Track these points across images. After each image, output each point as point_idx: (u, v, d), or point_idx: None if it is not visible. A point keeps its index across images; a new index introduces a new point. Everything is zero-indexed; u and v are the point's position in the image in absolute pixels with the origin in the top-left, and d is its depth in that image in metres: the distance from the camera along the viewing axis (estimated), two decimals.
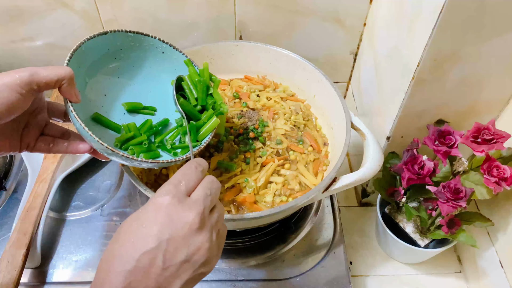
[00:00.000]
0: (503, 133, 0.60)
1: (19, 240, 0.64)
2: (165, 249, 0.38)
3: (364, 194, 0.87)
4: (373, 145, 0.63)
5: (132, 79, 0.60)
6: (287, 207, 0.56)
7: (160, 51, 0.60)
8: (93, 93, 0.56)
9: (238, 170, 0.64)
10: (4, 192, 0.78)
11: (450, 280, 0.78)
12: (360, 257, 0.81)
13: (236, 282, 0.67)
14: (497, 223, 0.67)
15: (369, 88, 0.81)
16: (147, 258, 0.37)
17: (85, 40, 0.52)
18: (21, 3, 0.75)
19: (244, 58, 0.78)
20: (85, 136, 0.48)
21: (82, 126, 0.46)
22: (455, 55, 0.57)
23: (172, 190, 0.41)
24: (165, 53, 0.60)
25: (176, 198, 0.40)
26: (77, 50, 0.51)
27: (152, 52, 0.60)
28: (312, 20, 0.81)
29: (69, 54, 0.50)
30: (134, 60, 0.60)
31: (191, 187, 0.42)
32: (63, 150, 0.52)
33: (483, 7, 0.51)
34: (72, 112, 0.47)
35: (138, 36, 0.58)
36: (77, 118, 0.47)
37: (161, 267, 0.38)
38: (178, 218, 0.39)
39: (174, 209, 0.39)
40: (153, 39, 0.59)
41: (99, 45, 0.54)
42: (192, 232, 0.39)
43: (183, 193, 0.41)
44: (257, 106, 0.73)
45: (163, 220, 0.39)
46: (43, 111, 0.52)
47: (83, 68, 0.54)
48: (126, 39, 0.57)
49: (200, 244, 0.40)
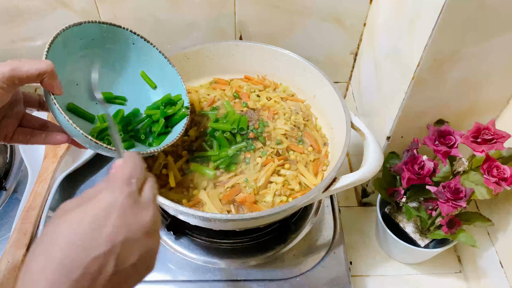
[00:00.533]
0: (503, 133, 0.60)
1: (19, 240, 0.64)
2: (118, 253, 0.34)
3: (364, 194, 0.87)
4: (373, 145, 0.63)
5: (103, 69, 0.61)
6: (287, 207, 0.56)
7: (131, 43, 0.61)
8: (66, 83, 0.56)
9: (238, 170, 0.64)
10: (4, 192, 0.78)
11: (450, 280, 0.78)
12: (360, 257, 0.81)
13: (236, 282, 0.66)
14: (497, 223, 0.67)
15: (369, 88, 0.81)
16: (97, 263, 0.33)
17: (61, 30, 0.52)
18: (21, 3, 0.75)
19: (244, 58, 0.78)
20: (68, 128, 0.48)
21: (66, 118, 0.47)
22: (455, 55, 0.57)
23: (125, 188, 0.37)
24: (135, 44, 0.61)
25: (131, 198, 0.37)
26: (54, 41, 0.51)
27: (124, 44, 0.61)
28: (312, 20, 0.81)
29: (47, 46, 0.49)
30: (106, 51, 0.60)
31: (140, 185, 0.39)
32: (41, 141, 0.53)
33: (483, 7, 0.51)
34: (55, 105, 0.47)
35: (111, 27, 0.58)
36: (61, 111, 0.47)
37: (111, 272, 0.34)
38: (134, 219, 0.36)
39: (129, 209, 0.36)
40: (125, 30, 0.60)
41: (73, 36, 0.55)
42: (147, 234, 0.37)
43: (135, 192, 0.38)
44: (257, 106, 0.73)
45: (117, 221, 0.35)
46: (19, 103, 0.52)
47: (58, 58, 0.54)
48: (99, 30, 0.57)
49: (152, 245, 0.38)
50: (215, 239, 0.71)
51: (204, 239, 0.71)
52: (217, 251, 0.70)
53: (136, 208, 0.37)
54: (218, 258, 0.69)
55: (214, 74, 0.79)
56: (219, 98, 0.74)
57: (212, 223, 0.59)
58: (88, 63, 0.59)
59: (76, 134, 0.49)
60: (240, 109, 0.72)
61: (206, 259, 0.69)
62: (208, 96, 0.74)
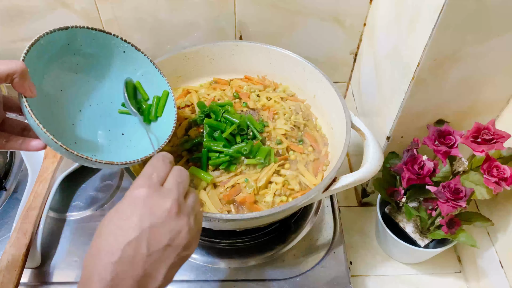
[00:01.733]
0: (503, 133, 0.60)
1: (19, 240, 0.64)
2: (147, 237, 0.40)
3: (364, 194, 0.87)
4: (373, 145, 0.63)
5: (90, 76, 0.60)
6: (287, 207, 0.56)
7: (121, 50, 0.59)
8: (50, 88, 0.55)
9: (238, 170, 0.64)
10: (4, 192, 0.78)
11: (450, 280, 0.78)
12: (360, 257, 0.81)
13: (236, 282, 0.67)
14: (497, 223, 0.67)
15: (369, 88, 0.81)
16: (131, 247, 0.39)
17: (44, 34, 0.50)
18: (21, 3, 0.75)
19: (244, 58, 0.78)
20: (39, 132, 0.47)
21: (36, 122, 0.45)
22: (455, 55, 0.57)
23: (146, 182, 0.43)
24: (126, 52, 0.60)
25: (151, 188, 0.42)
26: (35, 44, 0.49)
27: (113, 51, 0.59)
28: (312, 20, 0.81)
29: (26, 48, 0.48)
30: (94, 58, 0.59)
31: (162, 177, 0.45)
32: (17, 146, 0.52)
33: (483, 7, 0.51)
34: (26, 108, 0.46)
35: (100, 34, 0.57)
36: (31, 114, 0.45)
37: (146, 254, 0.40)
38: (156, 206, 0.41)
39: (151, 199, 0.42)
40: (115, 38, 0.58)
41: (59, 40, 0.53)
42: (171, 217, 0.42)
43: (156, 184, 0.43)
44: (257, 106, 0.73)
45: (141, 210, 0.41)
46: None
47: (42, 62, 0.53)
48: (87, 35, 0.56)
49: (180, 228, 0.42)
50: (215, 239, 0.71)
51: (204, 239, 0.71)
52: (217, 251, 0.70)
53: (157, 196, 0.42)
54: (218, 258, 0.69)
55: (214, 74, 0.79)
56: (219, 98, 0.74)
57: (212, 223, 0.59)
58: (74, 69, 0.58)
59: (47, 140, 0.47)
60: (240, 109, 0.72)
61: (206, 259, 0.69)
62: (208, 96, 0.74)
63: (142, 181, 0.43)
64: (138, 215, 0.40)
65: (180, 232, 0.42)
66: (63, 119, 0.57)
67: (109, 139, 0.60)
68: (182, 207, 0.43)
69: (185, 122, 0.70)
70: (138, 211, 0.41)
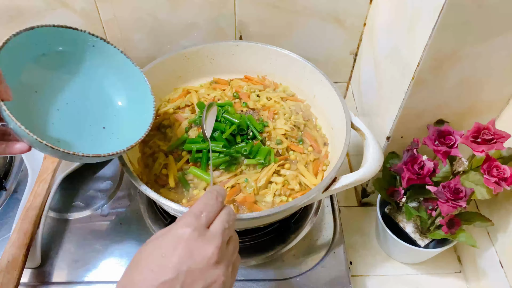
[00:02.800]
0: (503, 133, 0.60)
1: (19, 240, 0.64)
2: (183, 281, 0.39)
3: (364, 194, 0.87)
4: (373, 145, 0.63)
5: (64, 73, 0.60)
6: (287, 207, 0.56)
7: (91, 45, 0.60)
8: (24, 89, 0.55)
9: (238, 170, 0.64)
10: (4, 192, 0.78)
11: (450, 280, 0.78)
12: (360, 257, 0.81)
13: (236, 282, 0.66)
14: (497, 223, 0.67)
15: (369, 88, 0.81)
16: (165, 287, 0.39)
17: (11, 36, 0.50)
18: (21, 3, 0.75)
19: (244, 58, 0.78)
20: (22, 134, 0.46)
21: (18, 125, 0.45)
22: (455, 55, 0.57)
23: (193, 222, 0.42)
24: (95, 46, 0.60)
25: (196, 231, 0.41)
26: (4, 47, 0.49)
27: (83, 46, 0.59)
28: (312, 20, 0.81)
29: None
30: (65, 55, 0.59)
31: (211, 218, 0.44)
32: (1, 151, 0.51)
33: (483, 7, 0.51)
34: (5, 111, 0.45)
35: (67, 31, 0.57)
36: (11, 117, 0.45)
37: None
38: (197, 251, 0.41)
39: (194, 242, 0.41)
40: (83, 33, 0.58)
41: (27, 40, 0.53)
42: (210, 265, 0.41)
43: (203, 226, 0.43)
44: (257, 106, 0.73)
45: (182, 252, 0.40)
46: None
47: (14, 64, 0.53)
48: (54, 34, 0.56)
49: (216, 277, 0.41)
50: None
51: None
52: None
53: (201, 241, 0.41)
54: None
55: (214, 74, 0.79)
56: (219, 98, 0.74)
57: None
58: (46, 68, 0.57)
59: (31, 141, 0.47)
60: (240, 109, 0.72)
61: None
62: (208, 96, 0.74)
63: (190, 219, 0.42)
64: (178, 256, 0.40)
65: (215, 282, 0.41)
66: (42, 120, 0.56)
67: (91, 134, 0.60)
68: (223, 255, 0.42)
69: (185, 122, 0.70)
70: (178, 252, 0.40)
